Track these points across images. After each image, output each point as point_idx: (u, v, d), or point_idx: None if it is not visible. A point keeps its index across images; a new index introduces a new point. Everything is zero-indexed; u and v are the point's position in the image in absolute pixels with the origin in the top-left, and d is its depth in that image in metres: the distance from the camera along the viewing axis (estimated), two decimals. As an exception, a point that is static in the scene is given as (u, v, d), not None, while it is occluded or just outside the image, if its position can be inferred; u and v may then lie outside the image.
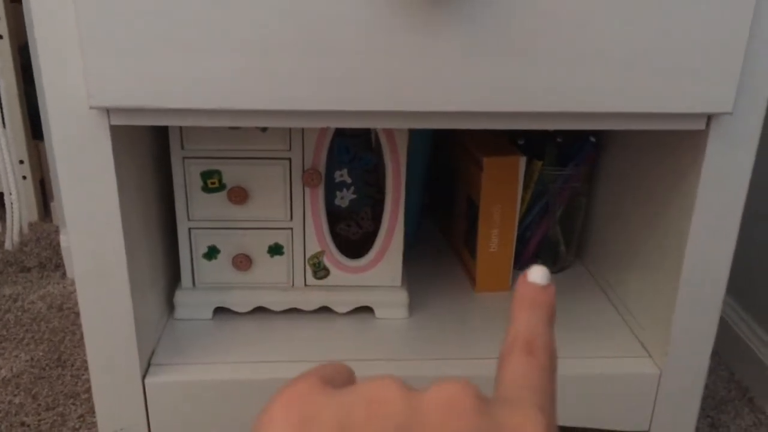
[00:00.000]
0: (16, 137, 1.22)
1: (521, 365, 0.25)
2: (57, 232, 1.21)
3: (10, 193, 0.94)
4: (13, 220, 0.95)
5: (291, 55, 0.46)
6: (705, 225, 0.56)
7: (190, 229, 0.64)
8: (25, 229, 0.97)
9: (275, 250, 0.65)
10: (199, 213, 0.64)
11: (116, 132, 0.50)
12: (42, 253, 1.14)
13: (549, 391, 0.25)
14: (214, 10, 0.45)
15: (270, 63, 0.47)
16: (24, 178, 1.25)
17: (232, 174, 0.63)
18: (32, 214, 1.27)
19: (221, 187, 0.63)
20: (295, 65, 0.47)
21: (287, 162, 0.63)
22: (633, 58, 0.48)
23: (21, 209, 0.95)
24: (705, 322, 0.59)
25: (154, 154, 0.63)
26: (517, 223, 0.72)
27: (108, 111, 0.49)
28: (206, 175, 0.63)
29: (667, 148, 0.60)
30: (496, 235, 0.72)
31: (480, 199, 0.70)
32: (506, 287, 0.74)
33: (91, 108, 0.48)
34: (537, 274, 0.29)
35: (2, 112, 0.92)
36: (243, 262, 0.65)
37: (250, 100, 0.48)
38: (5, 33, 1.18)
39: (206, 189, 0.63)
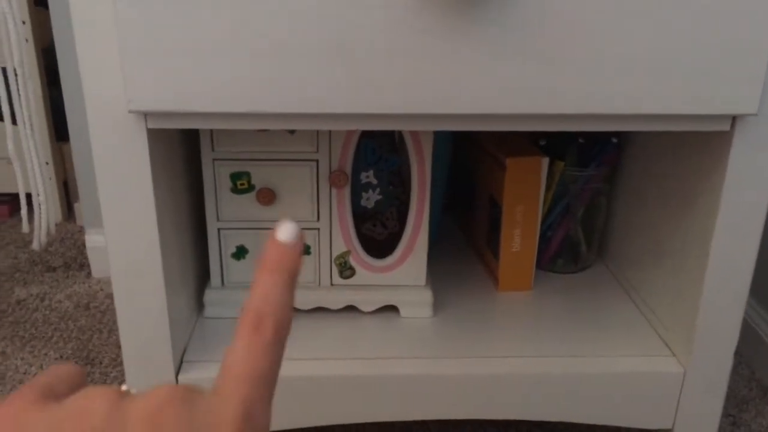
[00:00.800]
0: (41, 139, 1.24)
1: (243, 348, 0.25)
2: (81, 232, 1.23)
3: (38, 194, 0.96)
4: (41, 221, 0.97)
5: (319, 59, 0.48)
6: (729, 225, 0.56)
7: (219, 229, 0.66)
8: (53, 230, 0.99)
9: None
10: (228, 213, 0.65)
11: (152, 135, 0.52)
12: (67, 253, 1.15)
13: (266, 375, 0.25)
14: (244, 16, 0.46)
15: (298, 67, 0.48)
16: (50, 179, 1.27)
17: (260, 175, 0.64)
18: (57, 214, 1.30)
19: (250, 188, 0.64)
20: (323, 69, 0.48)
21: (314, 164, 0.64)
22: (657, 60, 0.49)
23: (48, 209, 0.97)
24: (729, 320, 0.59)
25: (186, 156, 0.64)
26: (539, 223, 0.73)
27: (145, 115, 0.50)
28: (235, 177, 0.64)
29: (691, 148, 0.61)
30: (518, 235, 0.73)
31: (503, 199, 0.71)
32: (529, 287, 0.75)
33: (129, 112, 0.49)
34: (285, 231, 0.27)
35: (29, 115, 0.94)
36: (271, 261, 0.66)
37: (279, 103, 0.49)
38: (30, 36, 1.20)
39: (235, 190, 0.64)
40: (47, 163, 1.25)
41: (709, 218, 0.57)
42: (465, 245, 0.84)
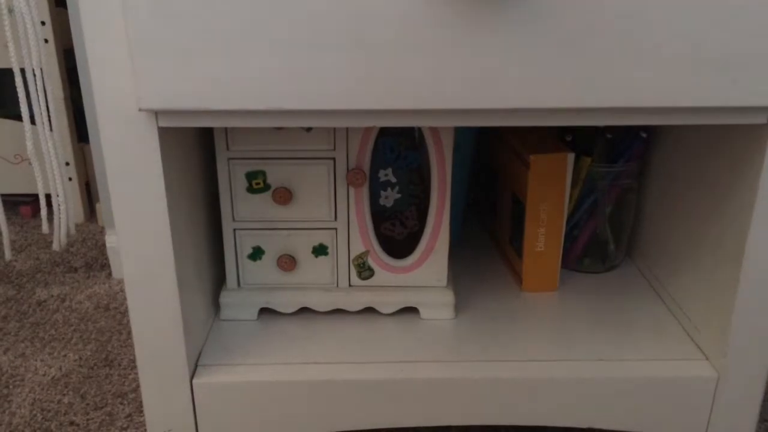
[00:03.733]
0: (62, 140, 1.25)
1: None
2: (102, 232, 1.23)
3: (57, 195, 0.96)
4: (60, 222, 0.97)
5: (336, 54, 0.46)
6: (766, 221, 0.54)
7: (235, 230, 0.64)
8: (72, 231, 0.99)
9: (320, 250, 0.65)
10: (243, 214, 0.64)
11: (164, 134, 0.51)
12: (88, 254, 1.15)
13: None
14: (258, 12, 0.45)
15: (314, 62, 0.46)
16: (70, 179, 1.28)
17: (276, 174, 0.62)
18: (78, 215, 1.30)
19: (266, 187, 0.63)
20: (340, 64, 0.46)
21: (331, 162, 0.62)
22: (689, 51, 0.46)
23: (68, 211, 0.97)
24: (766, 322, 0.56)
25: (200, 155, 0.63)
26: (564, 222, 0.70)
27: (156, 113, 0.49)
28: (251, 176, 0.62)
29: (724, 142, 0.58)
30: (543, 234, 0.70)
31: (526, 197, 0.69)
32: (554, 287, 0.72)
33: (140, 110, 0.48)
34: None
35: (49, 115, 0.94)
36: (287, 262, 0.65)
37: (295, 100, 0.47)
38: (51, 37, 1.20)
39: (251, 190, 0.63)
40: (67, 164, 1.25)
41: (744, 214, 0.55)
42: (489, 245, 0.82)
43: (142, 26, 0.45)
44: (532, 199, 0.69)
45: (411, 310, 0.67)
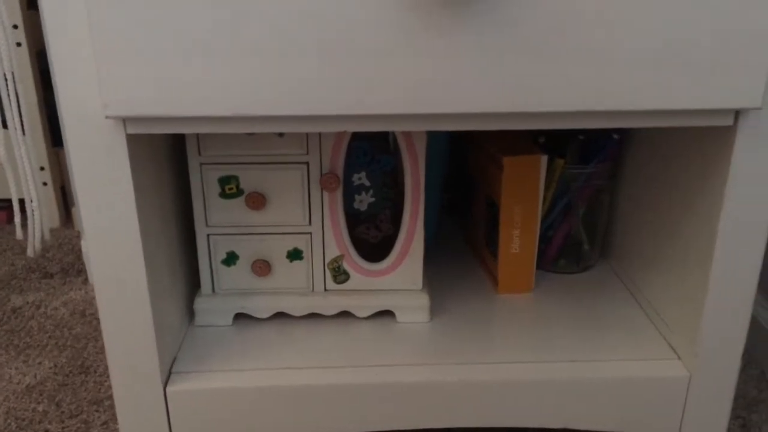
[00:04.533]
0: (36, 144, 1.23)
1: None
2: (78, 237, 1.22)
3: (31, 201, 0.94)
4: (34, 229, 0.96)
5: (307, 60, 0.46)
6: (734, 222, 0.54)
7: (208, 235, 0.64)
8: (47, 236, 0.98)
9: (294, 255, 0.65)
10: (217, 219, 0.63)
11: (132, 140, 0.50)
12: (64, 259, 1.14)
13: None
14: (227, 16, 0.44)
15: (285, 68, 0.46)
16: (45, 184, 1.26)
17: (249, 179, 0.62)
18: (54, 220, 1.28)
19: (239, 192, 0.63)
20: (311, 69, 0.46)
21: (305, 166, 0.62)
22: (657, 54, 0.47)
23: (42, 217, 0.96)
24: (736, 322, 0.57)
25: (172, 160, 0.63)
26: (539, 224, 0.71)
27: (124, 120, 0.48)
28: (224, 181, 0.62)
29: (694, 143, 0.59)
30: (517, 236, 0.71)
31: (500, 199, 0.69)
32: (529, 288, 0.73)
33: (106, 118, 0.47)
34: None
35: (21, 119, 0.93)
36: (262, 267, 0.64)
37: (266, 106, 0.47)
38: (23, 40, 1.18)
39: (224, 195, 0.63)
40: (42, 168, 1.24)
41: (712, 215, 0.55)
42: (465, 247, 0.82)
43: (107, 33, 0.44)
44: (506, 202, 0.69)
45: (387, 314, 0.67)
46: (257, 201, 0.62)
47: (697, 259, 0.58)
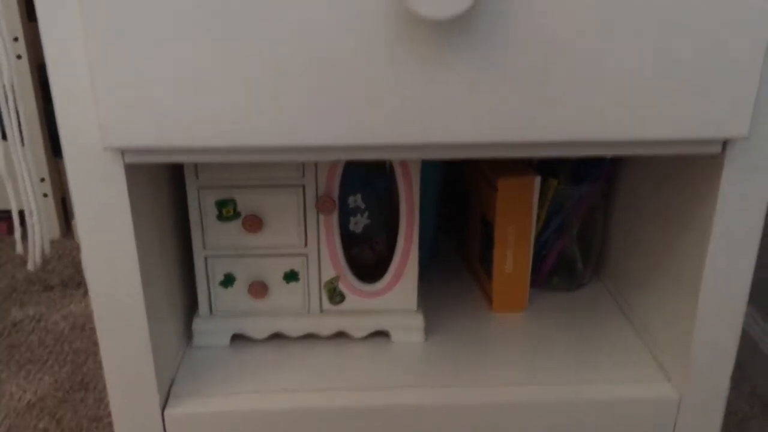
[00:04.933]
0: (36, 155, 1.24)
1: None
2: (79, 249, 1.23)
3: (32, 214, 0.95)
4: (35, 242, 0.96)
5: (300, 91, 0.47)
6: (723, 248, 0.55)
7: (206, 257, 0.65)
8: (47, 250, 0.99)
9: (291, 276, 0.66)
10: (214, 241, 0.64)
11: (131, 168, 0.51)
12: (64, 271, 1.15)
13: None
14: (222, 49, 0.45)
15: (279, 99, 0.47)
16: (45, 195, 1.27)
17: (246, 202, 0.63)
18: (54, 231, 1.29)
19: (236, 215, 0.63)
20: (304, 101, 0.47)
21: (301, 189, 0.63)
22: (644, 84, 0.47)
23: (42, 229, 0.97)
24: (725, 345, 0.58)
25: (170, 184, 0.64)
26: (532, 244, 0.71)
27: (122, 151, 0.49)
28: (221, 204, 0.63)
29: (684, 168, 0.60)
30: (511, 256, 0.72)
31: (495, 219, 0.70)
32: (523, 307, 0.74)
33: (105, 149, 0.48)
34: None
35: (21, 131, 0.94)
36: (259, 289, 0.65)
37: (261, 136, 0.48)
38: (23, 52, 1.19)
39: (221, 218, 0.63)
40: (42, 180, 1.24)
41: (701, 241, 0.56)
42: (459, 266, 0.83)
43: (105, 65, 0.45)
44: (500, 222, 0.70)
45: (382, 334, 0.68)
46: (254, 223, 0.63)
47: (686, 283, 0.59)
